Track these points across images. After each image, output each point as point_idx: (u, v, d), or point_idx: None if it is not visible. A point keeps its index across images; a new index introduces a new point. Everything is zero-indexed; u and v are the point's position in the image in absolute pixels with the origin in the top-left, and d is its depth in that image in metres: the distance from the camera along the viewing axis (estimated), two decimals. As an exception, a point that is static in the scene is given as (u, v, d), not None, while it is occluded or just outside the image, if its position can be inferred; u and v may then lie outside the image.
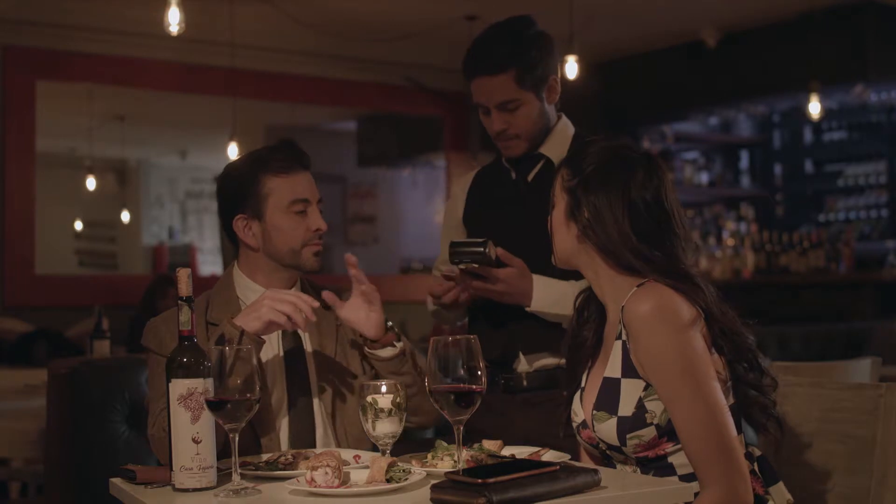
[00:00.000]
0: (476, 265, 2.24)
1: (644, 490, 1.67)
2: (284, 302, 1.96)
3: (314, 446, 2.10)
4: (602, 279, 1.93)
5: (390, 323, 2.09)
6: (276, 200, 2.13)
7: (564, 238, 1.96)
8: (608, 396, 1.87)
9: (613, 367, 1.87)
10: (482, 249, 2.21)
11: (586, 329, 2.01)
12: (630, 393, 1.84)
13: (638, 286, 1.86)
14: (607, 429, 1.86)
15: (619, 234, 1.87)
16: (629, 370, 1.85)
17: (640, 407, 1.83)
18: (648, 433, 1.83)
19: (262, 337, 1.98)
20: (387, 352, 2.07)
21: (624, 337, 1.86)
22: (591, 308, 2.02)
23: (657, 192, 1.90)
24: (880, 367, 3.40)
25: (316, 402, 2.14)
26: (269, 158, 2.15)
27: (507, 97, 2.37)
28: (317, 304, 2.00)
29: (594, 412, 1.88)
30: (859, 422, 2.14)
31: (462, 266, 2.27)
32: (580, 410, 1.95)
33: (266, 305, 1.96)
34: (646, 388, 1.83)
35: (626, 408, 1.84)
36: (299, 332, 2.12)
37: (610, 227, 1.87)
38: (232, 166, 2.22)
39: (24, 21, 6.61)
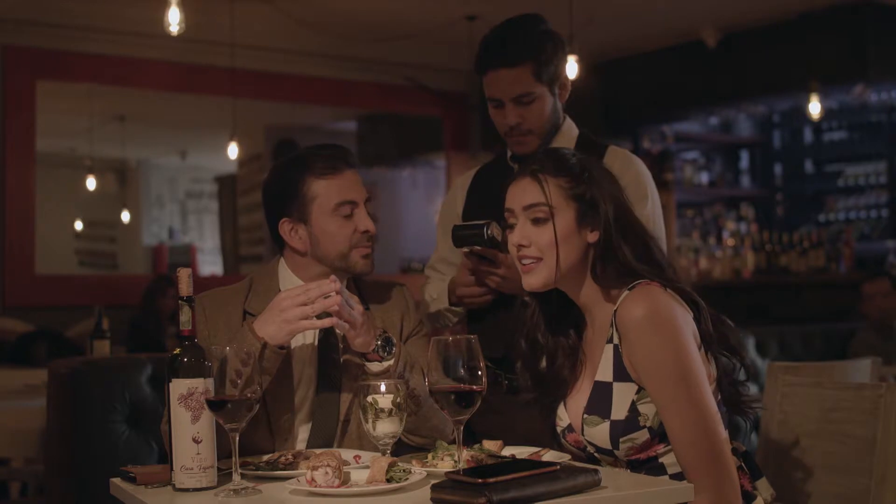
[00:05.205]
0: (479, 247, 2.24)
1: (644, 490, 1.66)
2: (301, 305, 1.92)
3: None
4: (586, 284, 1.91)
5: (380, 342, 1.99)
6: (321, 204, 2.05)
7: (573, 249, 1.88)
8: (600, 401, 1.86)
9: (605, 372, 1.86)
10: (483, 231, 2.21)
11: (557, 364, 1.96)
12: (623, 396, 1.84)
13: (629, 289, 1.84)
14: (599, 433, 1.85)
15: (638, 223, 1.92)
16: (621, 374, 1.84)
17: (633, 410, 1.82)
18: (641, 436, 1.83)
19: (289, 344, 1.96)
20: (374, 366, 2.02)
21: (616, 341, 1.85)
22: (549, 338, 1.98)
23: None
24: (880, 367, 3.40)
25: (342, 407, 2.09)
26: (312, 160, 2.07)
27: (524, 90, 2.37)
28: (336, 286, 1.93)
29: (585, 416, 1.87)
30: (859, 422, 2.14)
31: (466, 249, 2.27)
32: (565, 415, 1.95)
33: (292, 311, 1.92)
34: (638, 391, 1.82)
35: (619, 411, 1.83)
36: (337, 332, 2.04)
37: (632, 217, 1.91)
38: (275, 169, 2.15)
39: (24, 21, 6.61)
